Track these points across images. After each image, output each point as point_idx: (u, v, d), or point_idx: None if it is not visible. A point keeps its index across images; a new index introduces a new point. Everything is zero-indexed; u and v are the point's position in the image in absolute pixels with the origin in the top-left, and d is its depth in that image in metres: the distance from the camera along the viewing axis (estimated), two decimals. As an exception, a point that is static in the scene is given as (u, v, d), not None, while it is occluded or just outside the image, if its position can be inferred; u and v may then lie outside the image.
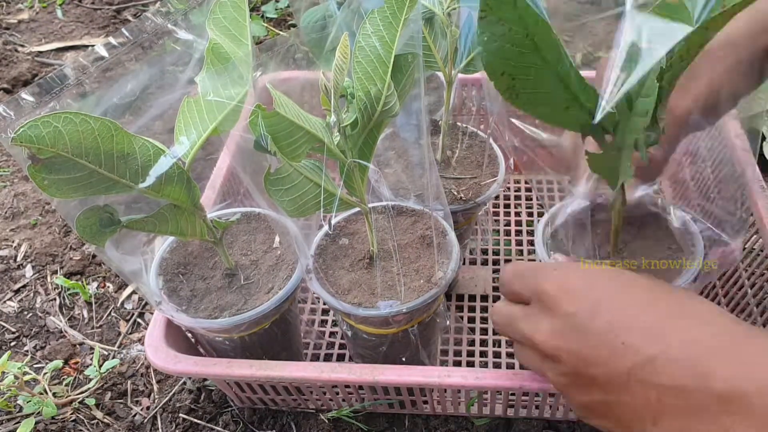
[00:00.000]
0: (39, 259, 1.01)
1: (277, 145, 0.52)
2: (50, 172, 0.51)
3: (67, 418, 0.81)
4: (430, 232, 0.68)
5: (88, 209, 0.56)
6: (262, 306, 0.65)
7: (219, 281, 0.69)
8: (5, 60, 1.43)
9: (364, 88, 0.55)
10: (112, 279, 0.98)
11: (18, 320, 0.93)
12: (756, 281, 0.75)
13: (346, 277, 0.66)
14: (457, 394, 0.72)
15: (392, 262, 0.66)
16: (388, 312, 0.62)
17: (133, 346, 0.89)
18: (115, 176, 0.54)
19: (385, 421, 0.77)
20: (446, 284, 0.64)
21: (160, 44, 0.63)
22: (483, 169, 0.79)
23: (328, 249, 0.69)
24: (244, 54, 0.59)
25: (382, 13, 0.54)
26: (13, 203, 1.10)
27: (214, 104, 0.57)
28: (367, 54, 0.54)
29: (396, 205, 0.72)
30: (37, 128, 0.49)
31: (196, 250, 0.72)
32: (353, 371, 0.65)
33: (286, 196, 0.58)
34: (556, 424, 0.76)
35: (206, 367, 0.67)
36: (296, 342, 0.77)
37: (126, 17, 1.61)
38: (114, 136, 0.53)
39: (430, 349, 0.73)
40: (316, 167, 0.59)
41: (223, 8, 0.59)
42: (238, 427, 0.78)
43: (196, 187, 0.60)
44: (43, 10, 1.64)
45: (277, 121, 0.51)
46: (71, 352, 0.88)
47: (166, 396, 0.82)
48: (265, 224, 0.74)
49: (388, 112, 0.56)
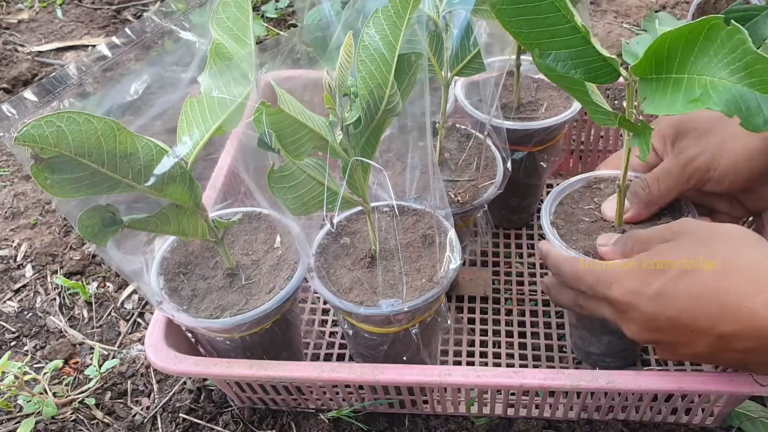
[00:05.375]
0: (39, 258, 1.01)
1: (281, 143, 0.52)
2: (53, 172, 0.51)
3: (67, 418, 0.81)
4: (431, 232, 0.68)
5: (90, 209, 0.56)
6: (263, 306, 0.65)
7: (220, 281, 0.69)
8: (5, 60, 1.43)
9: (367, 87, 0.55)
10: (112, 279, 0.98)
11: (18, 320, 0.93)
12: (755, 282, 0.75)
13: (348, 276, 0.66)
14: (458, 394, 0.73)
15: (393, 261, 0.66)
16: (389, 311, 0.62)
17: (133, 346, 0.89)
18: (117, 176, 0.54)
19: (385, 421, 0.77)
20: (448, 283, 0.64)
21: (161, 44, 0.63)
22: (480, 171, 0.79)
23: (330, 248, 0.69)
24: (247, 53, 0.59)
25: (386, 13, 0.54)
26: (13, 203, 1.10)
27: (216, 104, 0.58)
28: (371, 53, 0.55)
29: (398, 204, 0.72)
30: (41, 128, 0.49)
31: (197, 250, 0.72)
32: (353, 370, 0.65)
33: (289, 194, 0.59)
34: (556, 424, 0.76)
35: (206, 367, 0.67)
36: (297, 342, 0.77)
37: (126, 17, 1.61)
38: (117, 136, 0.53)
39: (430, 349, 0.73)
40: (319, 165, 0.59)
41: (226, 8, 0.60)
42: (238, 427, 0.78)
43: (198, 186, 0.60)
44: (43, 10, 1.64)
45: (281, 118, 0.51)
46: (71, 352, 0.88)
47: (166, 396, 0.82)
48: (266, 224, 0.74)
49: (390, 111, 0.56)
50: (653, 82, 0.52)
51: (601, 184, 0.75)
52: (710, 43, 0.47)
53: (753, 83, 0.45)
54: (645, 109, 0.53)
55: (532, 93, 0.91)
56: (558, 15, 0.52)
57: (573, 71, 0.54)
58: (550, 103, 0.89)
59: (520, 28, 0.53)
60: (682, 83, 0.49)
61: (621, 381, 0.63)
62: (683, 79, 0.49)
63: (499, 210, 0.95)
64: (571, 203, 0.73)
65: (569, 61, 0.54)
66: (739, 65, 0.46)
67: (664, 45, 0.50)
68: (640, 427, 0.75)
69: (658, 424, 0.75)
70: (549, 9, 0.52)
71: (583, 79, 0.55)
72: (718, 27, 0.46)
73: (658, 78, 0.51)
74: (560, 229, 0.70)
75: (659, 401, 0.70)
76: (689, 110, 0.49)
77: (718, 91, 0.47)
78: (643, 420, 0.74)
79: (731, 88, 0.46)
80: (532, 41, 0.54)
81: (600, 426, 0.75)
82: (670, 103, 0.50)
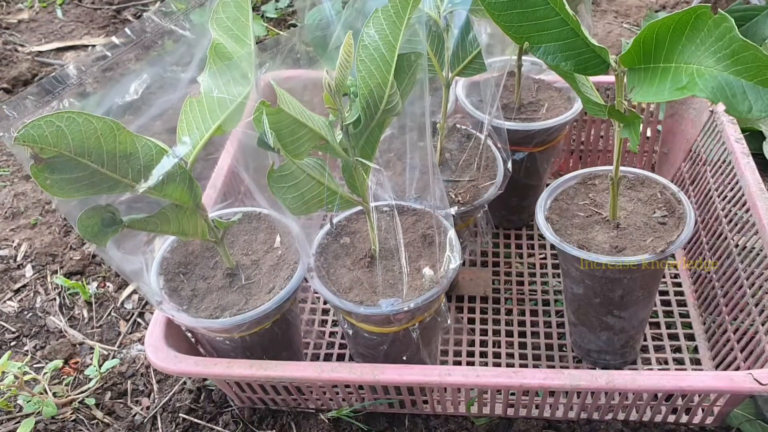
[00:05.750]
0: (39, 259, 1.01)
1: (280, 142, 0.52)
2: (53, 172, 0.51)
3: (67, 417, 0.81)
4: (431, 231, 0.68)
5: (90, 209, 0.56)
6: (263, 306, 0.65)
7: (220, 281, 0.69)
8: (5, 60, 1.43)
9: (367, 87, 0.55)
10: (112, 279, 0.98)
11: (18, 320, 0.93)
12: (755, 281, 0.75)
13: (348, 276, 0.66)
14: (458, 394, 0.73)
15: (393, 260, 0.66)
16: (389, 310, 0.62)
17: (133, 346, 0.89)
18: (117, 176, 0.54)
19: (385, 421, 0.77)
20: (447, 283, 0.64)
21: (161, 44, 0.63)
22: (481, 171, 0.79)
23: (330, 247, 0.69)
24: (247, 53, 0.59)
25: (386, 13, 0.54)
26: (13, 203, 1.10)
27: (216, 104, 0.58)
28: (371, 53, 0.55)
29: (398, 204, 0.72)
30: (40, 128, 0.49)
31: (196, 250, 0.72)
32: (353, 370, 0.65)
33: (289, 194, 0.59)
34: (556, 424, 0.76)
35: (206, 367, 0.67)
36: (297, 342, 0.77)
37: (126, 17, 1.61)
38: (117, 136, 0.53)
39: (430, 349, 0.73)
40: (319, 165, 0.59)
41: (225, 8, 0.60)
42: (238, 427, 0.78)
43: (198, 186, 0.60)
44: (43, 10, 1.64)
45: (281, 118, 0.51)
46: (71, 351, 0.88)
47: (166, 396, 0.82)
48: (266, 224, 0.74)
49: (390, 111, 0.56)
50: (641, 72, 0.53)
51: (596, 180, 0.76)
52: (697, 31, 0.48)
53: (739, 71, 0.46)
54: (633, 98, 0.53)
55: (533, 94, 0.91)
56: (547, 8, 0.52)
57: (563, 63, 0.55)
58: (550, 104, 0.89)
59: (510, 21, 0.54)
60: (669, 72, 0.50)
61: (621, 381, 0.63)
62: (671, 67, 0.50)
63: (500, 210, 0.96)
64: (566, 199, 0.74)
65: (559, 53, 0.55)
66: (725, 53, 0.46)
67: (651, 34, 0.50)
68: (640, 427, 0.75)
69: (658, 424, 0.75)
70: (538, 2, 0.52)
71: (573, 71, 0.56)
72: (705, 16, 0.47)
73: (646, 67, 0.52)
74: (555, 224, 0.71)
75: (659, 401, 0.70)
76: (676, 97, 0.49)
77: (704, 79, 0.48)
78: (643, 420, 0.74)
79: (717, 76, 0.47)
80: (522, 34, 0.54)
81: (600, 426, 0.75)
82: (657, 91, 0.50)
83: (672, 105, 1.00)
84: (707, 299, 0.84)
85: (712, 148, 0.90)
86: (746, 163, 0.82)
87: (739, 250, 0.79)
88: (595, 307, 0.74)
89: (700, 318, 0.85)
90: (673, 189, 0.73)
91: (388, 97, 0.55)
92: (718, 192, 0.86)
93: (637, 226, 0.69)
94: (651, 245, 0.67)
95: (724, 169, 0.86)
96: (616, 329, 0.75)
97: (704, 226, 0.88)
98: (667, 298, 0.88)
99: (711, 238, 0.86)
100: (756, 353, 0.71)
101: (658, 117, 1.02)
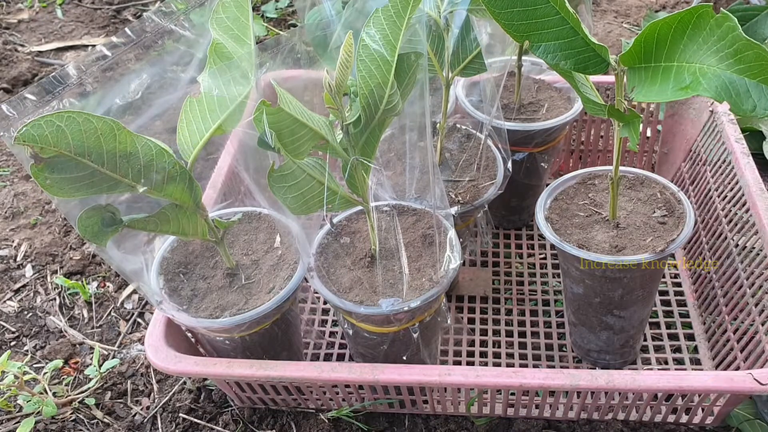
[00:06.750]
0: (39, 258, 1.01)
1: (281, 142, 0.52)
2: (53, 172, 0.51)
3: (67, 417, 0.81)
4: (431, 231, 0.68)
5: (90, 208, 0.56)
6: (263, 306, 0.65)
7: (220, 281, 0.69)
8: (5, 60, 1.43)
9: (367, 87, 0.55)
10: (112, 279, 0.98)
11: (18, 320, 0.93)
12: (755, 281, 0.75)
13: (348, 276, 0.66)
14: (458, 394, 0.73)
15: (393, 260, 0.66)
16: (390, 310, 0.62)
17: (133, 346, 0.89)
18: (117, 176, 0.54)
19: (385, 421, 0.77)
20: (448, 283, 0.64)
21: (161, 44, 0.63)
22: (481, 171, 0.79)
23: (330, 247, 0.69)
24: (247, 53, 0.59)
25: (386, 13, 0.54)
26: (13, 203, 1.10)
27: (216, 103, 0.58)
28: (371, 53, 0.55)
29: (398, 204, 0.72)
30: (40, 127, 0.49)
31: (197, 250, 0.72)
32: (353, 370, 0.65)
33: (289, 194, 0.59)
34: (556, 424, 0.76)
35: (206, 367, 0.67)
36: (297, 342, 0.77)
37: (126, 17, 1.61)
38: (117, 136, 0.53)
39: (430, 349, 0.73)
40: (319, 165, 0.59)
41: (225, 8, 0.60)
42: (238, 427, 0.78)
43: (198, 186, 0.60)
44: (43, 10, 1.64)
45: (281, 117, 0.51)
46: (71, 351, 0.88)
47: (166, 396, 0.82)
48: (266, 224, 0.74)
49: (390, 111, 0.56)
50: (642, 71, 0.52)
51: (596, 180, 0.76)
52: (699, 30, 0.48)
53: (742, 69, 0.46)
54: (635, 97, 0.53)
55: (533, 94, 0.91)
56: (547, 6, 0.52)
57: (563, 62, 0.55)
58: (551, 104, 0.89)
59: (510, 19, 0.54)
60: (671, 71, 0.50)
61: (621, 380, 0.63)
62: (672, 67, 0.50)
63: (500, 210, 0.96)
64: (566, 199, 0.74)
65: (559, 52, 0.55)
66: (728, 52, 0.46)
67: (653, 34, 0.50)
68: (640, 427, 0.75)
69: (658, 424, 0.75)
70: (538, 0, 0.52)
71: (573, 69, 0.56)
72: (707, 15, 0.47)
73: (647, 67, 0.52)
74: (555, 224, 0.71)
75: (659, 401, 0.70)
76: (679, 97, 0.49)
77: (707, 78, 0.48)
78: (643, 420, 0.74)
79: (721, 75, 0.47)
80: (522, 33, 0.54)
81: (600, 426, 0.75)
82: (660, 91, 0.50)
83: (672, 105, 1.00)
84: (707, 299, 0.84)
85: (712, 148, 0.90)
86: (746, 163, 0.82)
87: (739, 250, 0.79)
88: (595, 307, 0.74)
89: (700, 318, 0.85)
90: (672, 189, 0.73)
91: (388, 97, 0.55)
92: (718, 192, 0.86)
93: (636, 226, 0.69)
94: (651, 245, 0.67)
95: (724, 169, 0.86)
96: (616, 329, 0.75)
97: (704, 226, 0.88)
98: (667, 298, 0.88)
99: (711, 238, 0.86)
100: (756, 353, 0.71)
101: (657, 117, 1.02)
